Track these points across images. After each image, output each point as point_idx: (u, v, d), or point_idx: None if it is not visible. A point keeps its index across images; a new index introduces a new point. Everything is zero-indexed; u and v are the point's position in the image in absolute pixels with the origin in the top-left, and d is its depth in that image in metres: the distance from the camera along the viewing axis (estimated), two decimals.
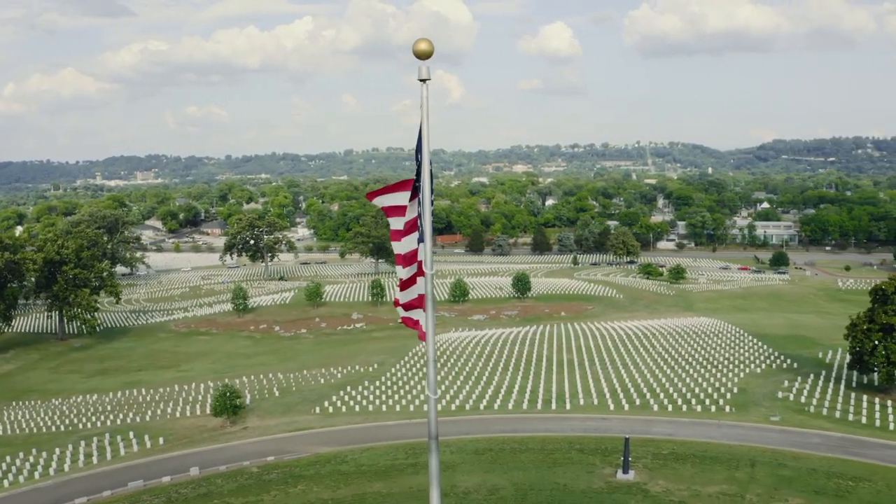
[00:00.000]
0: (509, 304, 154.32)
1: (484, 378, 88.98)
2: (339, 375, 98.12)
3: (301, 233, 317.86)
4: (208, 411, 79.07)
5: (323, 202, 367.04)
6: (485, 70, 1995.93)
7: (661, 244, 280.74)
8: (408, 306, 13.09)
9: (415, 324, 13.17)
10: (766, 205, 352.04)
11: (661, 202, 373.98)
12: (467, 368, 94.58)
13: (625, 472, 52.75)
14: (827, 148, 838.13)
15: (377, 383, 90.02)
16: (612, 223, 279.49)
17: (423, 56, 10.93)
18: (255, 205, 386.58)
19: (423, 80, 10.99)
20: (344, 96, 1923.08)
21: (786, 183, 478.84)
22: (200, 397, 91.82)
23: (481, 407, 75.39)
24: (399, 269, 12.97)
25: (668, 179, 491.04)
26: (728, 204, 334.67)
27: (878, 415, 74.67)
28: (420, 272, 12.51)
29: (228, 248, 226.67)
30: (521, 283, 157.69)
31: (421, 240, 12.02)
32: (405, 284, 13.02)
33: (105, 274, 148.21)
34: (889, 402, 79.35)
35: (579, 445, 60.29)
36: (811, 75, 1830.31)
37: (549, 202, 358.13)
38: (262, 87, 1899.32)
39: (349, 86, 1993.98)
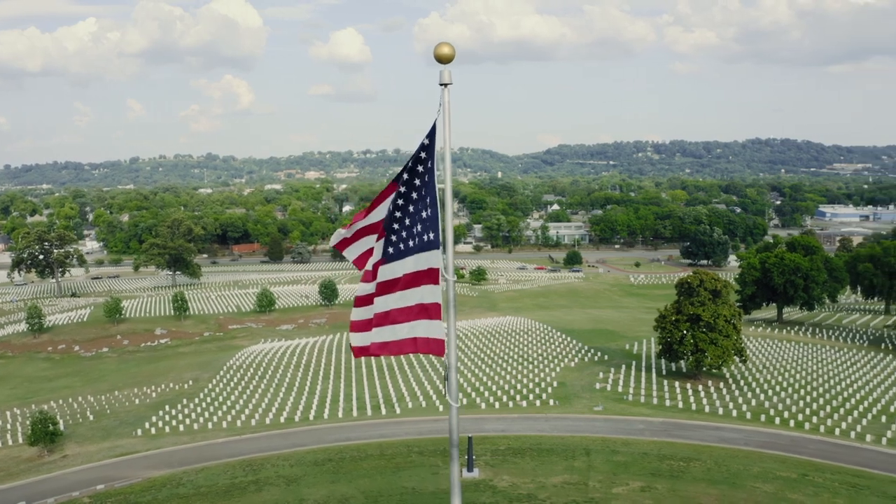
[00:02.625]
0: (317, 312, 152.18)
1: (306, 388, 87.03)
2: (153, 395, 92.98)
3: (90, 245, 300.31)
4: (21, 440, 72.90)
5: (111, 213, 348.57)
6: (275, 75, 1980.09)
7: (460, 247, 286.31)
8: (358, 327, 12.23)
9: (361, 350, 12.31)
10: (556, 207, 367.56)
11: (456, 206, 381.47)
12: (287, 379, 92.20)
13: (469, 470, 52.88)
14: (609, 152, 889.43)
15: (196, 400, 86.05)
16: None
17: (445, 60, 10.62)
18: (39, 217, 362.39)
19: (445, 85, 10.42)
20: (129, 101, 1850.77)
21: (573, 185, 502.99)
22: (9, 426, 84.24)
23: (311, 417, 73.54)
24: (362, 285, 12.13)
25: (461, 184, 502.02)
26: (520, 206, 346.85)
27: (691, 399, 79.40)
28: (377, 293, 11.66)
29: (17, 264, 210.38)
30: (329, 291, 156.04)
31: (433, 247, 11.08)
32: (360, 301, 12.16)
33: None
34: (700, 387, 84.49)
35: (418, 448, 59.96)
36: (594, 83, 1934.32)
37: (347, 208, 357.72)
38: (43, 92, 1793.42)
39: (135, 90, 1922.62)
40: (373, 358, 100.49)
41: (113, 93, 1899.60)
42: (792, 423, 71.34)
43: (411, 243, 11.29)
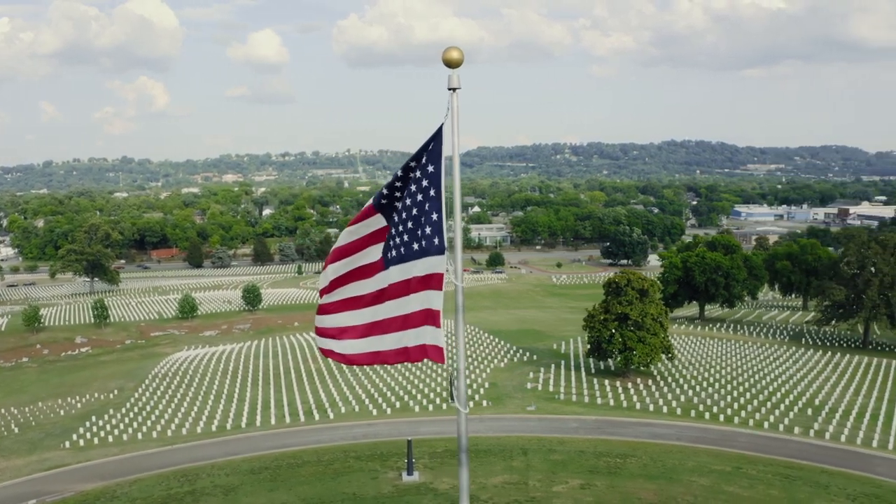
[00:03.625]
0: (240, 318, 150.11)
1: (235, 394, 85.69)
2: (78, 405, 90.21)
3: (5, 252, 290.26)
4: None
5: (26, 218, 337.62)
6: (192, 77, 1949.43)
7: None
8: (324, 333, 12.15)
9: (331, 354, 12.25)
10: (477, 209, 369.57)
11: None
12: (215, 386, 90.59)
13: (409, 473, 52.85)
14: (528, 153, 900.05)
15: (123, 410, 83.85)
16: (333, 231, 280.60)
17: (454, 64, 10.45)
18: None
19: (453, 89, 10.40)
20: (42, 103, 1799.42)
21: (492, 187, 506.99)
22: None
23: (243, 425, 72.40)
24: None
25: (381, 186, 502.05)
26: None
27: (622, 396, 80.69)
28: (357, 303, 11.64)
29: None
30: (252, 296, 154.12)
31: (438, 252, 10.96)
32: (325, 309, 12.08)
33: None
34: (629, 385, 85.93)
35: (355, 453, 59.59)
36: (512, 85, 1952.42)
37: (267, 212, 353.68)
38: None
39: (48, 92, 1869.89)
40: (301, 364, 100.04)
41: (25, 95, 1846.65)
42: (721, 417, 73.07)
43: (415, 247, 11.13)
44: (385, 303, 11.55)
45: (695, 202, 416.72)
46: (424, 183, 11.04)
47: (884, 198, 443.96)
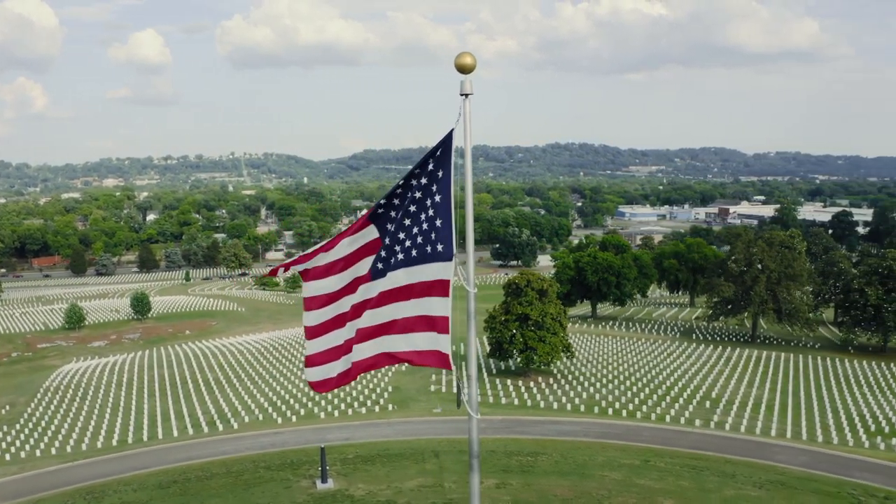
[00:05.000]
0: (130, 327, 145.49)
1: (133, 407, 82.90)
2: None
3: None
4: None
5: None
6: (72, 78, 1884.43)
7: (271, 254, 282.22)
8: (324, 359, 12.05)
9: (324, 383, 12.12)
10: (364, 212, 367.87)
11: (264, 213, 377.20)
12: (111, 399, 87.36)
13: (323, 481, 52.16)
14: (414, 156, 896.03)
15: (17, 426, 79.94)
16: (220, 236, 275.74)
17: (467, 70, 10.52)
18: None
19: (466, 95, 10.34)
20: None
21: (380, 190, 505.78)
22: None
23: (145, 438, 70.04)
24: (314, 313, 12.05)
25: (267, 190, 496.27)
26: (330, 212, 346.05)
27: (525, 396, 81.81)
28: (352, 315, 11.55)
29: None
30: (141, 304, 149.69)
31: (444, 258, 10.82)
32: (322, 329, 11.99)
33: None
34: (531, 384, 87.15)
35: (264, 463, 58.46)
36: (399, 88, 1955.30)
37: (151, 217, 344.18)
38: None
39: None
40: (198, 373, 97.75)
41: None
42: (624, 413, 74.93)
43: (415, 252, 11.01)
44: (383, 307, 11.39)
45: (580, 203, 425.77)
46: (433, 188, 10.94)
47: (762, 197, 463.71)
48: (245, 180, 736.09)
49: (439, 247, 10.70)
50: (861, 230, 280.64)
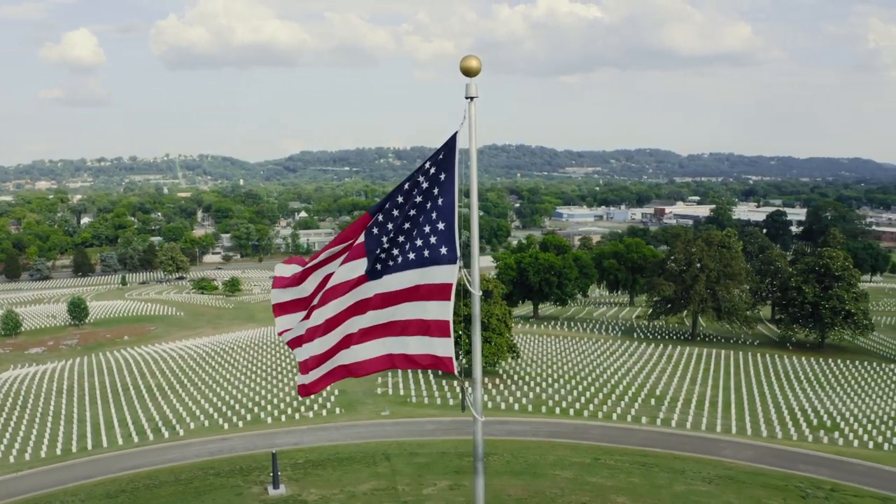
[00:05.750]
0: (67, 333, 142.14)
1: (75, 415, 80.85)
2: None
3: None
4: None
5: None
6: (2, 78, 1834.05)
7: (208, 257, 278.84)
8: (319, 360, 11.99)
9: (311, 385, 12.12)
10: (303, 214, 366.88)
11: (200, 215, 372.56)
12: (52, 407, 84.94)
13: (276, 487, 51.65)
14: (352, 158, 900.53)
15: None
16: (156, 239, 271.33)
17: (472, 73, 10.56)
18: None
19: (471, 98, 10.34)
20: None
21: (317, 192, 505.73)
22: None
23: (89, 447, 68.32)
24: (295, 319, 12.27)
25: (203, 192, 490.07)
26: (267, 214, 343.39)
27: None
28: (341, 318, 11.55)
29: None
30: (78, 309, 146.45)
31: (447, 261, 10.76)
32: (308, 336, 11.94)
33: None
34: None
35: (213, 469, 57.68)
36: (336, 89, 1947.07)
37: (86, 220, 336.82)
38: None
39: None
40: (139, 379, 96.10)
41: None
42: (571, 412, 75.66)
43: (413, 256, 10.93)
44: (381, 309, 11.32)
45: (518, 204, 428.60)
46: (434, 191, 10.88)
47: (697, 198, 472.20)
48: (180, 182, 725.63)
49: (443, 250, 10.65)
50: (795, 229, 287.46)
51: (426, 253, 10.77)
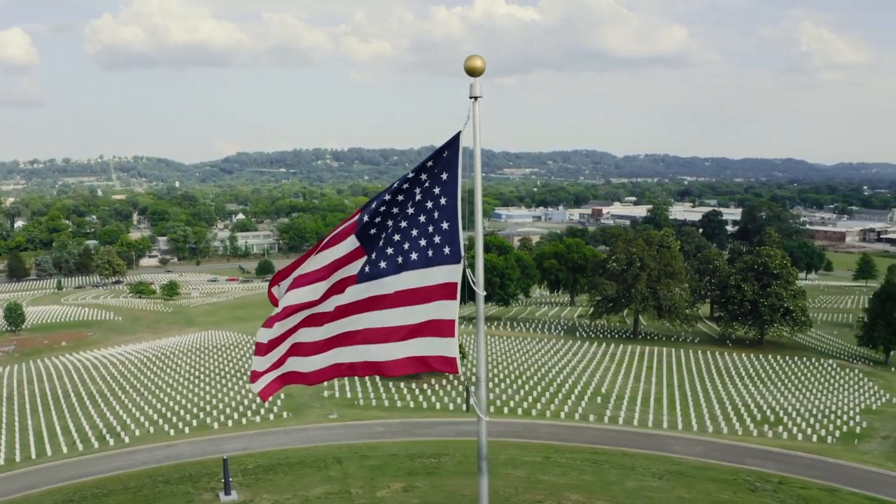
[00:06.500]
0: (4, 339, 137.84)
1: (16, 423, 78.39)
2: None
3: None
4: None
5: None
6: None
7: (145, 261, 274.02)
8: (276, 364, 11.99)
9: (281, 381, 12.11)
10: (241, 216, 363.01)
11: (136, 218, 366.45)
12: None
13: (227, 493, 51.00)
14: (289, 159, 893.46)
15: None
16: (92, 242, 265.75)
17: (477, 73, 10.51)
18: None
19: (475, 98, 10.31)
20: None
21: (254, 194, 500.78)
22: None
23: (33, 455, 66.41)
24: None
25: (138, 195, 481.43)
26: (204, 217, 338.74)
27: (420, 398, 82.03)
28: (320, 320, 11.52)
29: None
30: (15, 315, 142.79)
31: (450, 260, 10.69)
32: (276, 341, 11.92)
33: None
34: (425, 386, 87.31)
35: (162, 477, 56.72)
36: (272, 90, 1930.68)
37: (19, 223, 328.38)
38: None
39: None
40: (80, 385, 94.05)
41: None
42: (519, 411, 76.10)
43: (414, 256, 10.85)
44: (379, 311, 11.21)
45: None
46: (435, 191, 10.83)
47: (634, 198, 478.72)
48: (115, 184, 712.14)
49: (446, 250, 10.59)
50: (730, 229, 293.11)
51: (430, 253, 10.70)
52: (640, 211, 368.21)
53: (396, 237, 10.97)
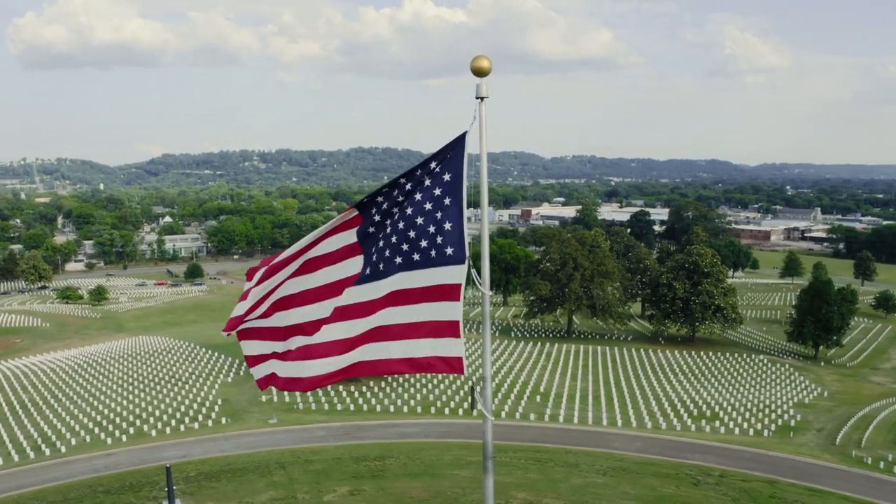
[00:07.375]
0: None
1: None
2: None
3: None
4: None
5: None
6: None
7: (70, 265, 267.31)
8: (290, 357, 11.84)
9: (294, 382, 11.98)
10: (168, 219, 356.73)
11: (61, 221, 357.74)
12: None
13: (171, 502, 50.17)
14: (215, 161, 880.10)
15: None
16: (16, 247, 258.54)
17: (483, 73, 10.46)
18: None
19: (481, 98, 10.36)
20: None
21: (181, 196, 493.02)
22: None
23: None
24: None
25: (62, 197, 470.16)
26: (130, 220, 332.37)
27: (360, 400, 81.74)
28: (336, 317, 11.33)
29: None
30: None
31: (454, 261, 10.68)
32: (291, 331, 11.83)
33: None
34: (364, 388, 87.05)
35: (102, 487, 55.48)
36: (199, 90, 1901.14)
37: None
38: None
39: None
40: (11, 394, 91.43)
41: None
42: (460, 411, 76.43)
43: (417, 257, 10.83)
44: (381, 311, 11.20)
45: None
46: (437, 192, 10.79)
47: (562, 199, 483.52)
48: (38, 187, 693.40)
49: (449, 250, 10.55)
50: (658, 229, 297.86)
51: (432, 254, 10.65)
52: (570, 211, 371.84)
53: (394, 238, 10.92)
